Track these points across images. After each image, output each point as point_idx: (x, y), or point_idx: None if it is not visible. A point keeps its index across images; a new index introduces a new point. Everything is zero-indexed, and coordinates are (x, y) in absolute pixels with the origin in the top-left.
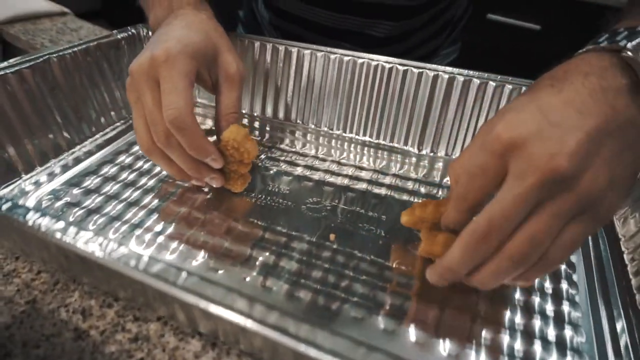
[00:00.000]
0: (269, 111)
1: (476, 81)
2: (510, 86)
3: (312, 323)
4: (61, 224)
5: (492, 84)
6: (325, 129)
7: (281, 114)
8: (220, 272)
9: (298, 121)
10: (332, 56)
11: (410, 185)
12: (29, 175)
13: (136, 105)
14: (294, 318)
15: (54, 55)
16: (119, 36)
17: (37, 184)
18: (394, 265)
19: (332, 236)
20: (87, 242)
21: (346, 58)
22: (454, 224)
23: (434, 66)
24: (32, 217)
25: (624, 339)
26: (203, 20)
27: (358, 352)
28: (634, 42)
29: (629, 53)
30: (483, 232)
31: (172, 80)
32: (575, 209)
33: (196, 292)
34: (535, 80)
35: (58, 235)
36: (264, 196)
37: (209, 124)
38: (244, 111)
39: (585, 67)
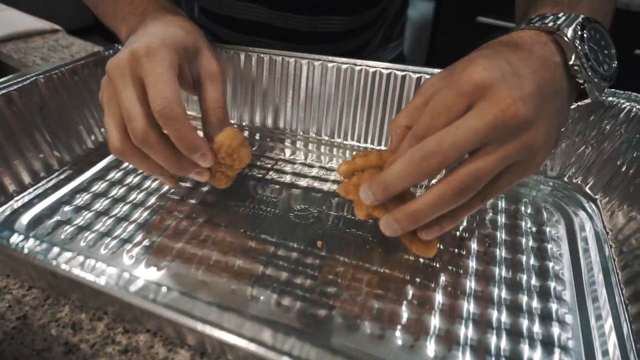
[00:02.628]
0: (258, 120)
1: None
2: None
3: (299, 334)
4: (49, 244)
5: None
6: (314, 135)
7: (270, 122)
8: (209, 284)
9: (287, 129)
10: (330, 65)
11: None
12: (20, 196)
13: (109, 104)
14: (280, 330)
15: (41, 76)
16: (106, 53)
17: (29, 204)
18: (381, 270)
19: (319, 243)
20: (73, 262)
21: (344, 66)
22: None
23: (430, 70)
24: (16, 240)
25: (612, 336)
26: (180, 20)
27: None
28: (562, 25)
29: (559, 34)
30: (431, 150)
31: (156, 72)
32: (517, 156)
33: (182, 308)
34: (485, 45)
35: (41, 257)
36: (251, 205)
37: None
38: (232, 121)
39: (529, 39)
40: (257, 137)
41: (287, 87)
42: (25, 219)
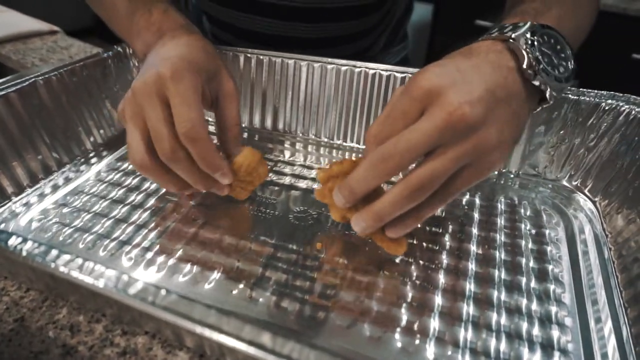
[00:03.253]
0: (257, 121)
1: None
2: None
3: (298, 336)
4: (46, 246)
5: None
6: (313, 136)
7: (269, 124)
8: (208, 286)
9: (286, 130)
10: (329, 66)
11: None
12: (19, 197)
13: (133, 120)
14: (279, 333)
15: (40, 77)
16: (104, 55)
17: (28, 205)
18: (380, 272)
19: (318, 245)
20: (69, 263)
21: (343, 68)
22: None
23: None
24: (14, 242)
25: (611, 338)
26: (198, 40)
27: None
28: (517, 33)
29: (513, 41)
30: (388, 153)
31: (182, 95)
32: (469, 156)
33: (181, 311)
34: (445, 56)
35: (39, 259)
36: (251, 207)
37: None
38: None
39: (485, 48)
40: (256, 138)
41: (287, 88)
42: (23, 220)
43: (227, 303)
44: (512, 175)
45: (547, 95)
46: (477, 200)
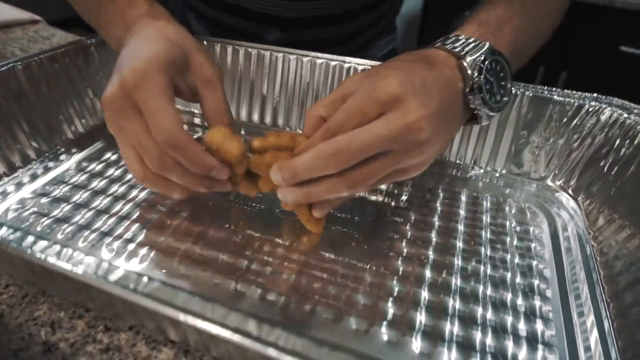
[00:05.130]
0: (244, 115)
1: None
2: None
3: (284, 327)
4: (27, 235)
5: None
6: (300, 131)
7: (256, 118)
8: (192, 278)
9: (273, 124)
10: (319, 61)
11: (384, 186)
12: None
13: (120, 135)
14: (263, 322)
15: (19, 63)
16: (87, 42)
17: (4, 194)
18: (367, 266)
19: (305, 239)
20: (48, 252)
21: (332, 63)
22: None
23: None
24: None
25: (594, 333)
26: (162, 27)
27: (328, 354)
28: (471, 58)
29: (463, 62)
30: (341, 148)
31: (150, 102)
32: (407, 164)
33: (164, 300)
34: (398, 57)
35: (14, 245)
36: (236, 200)
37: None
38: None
39: (442, 60)
40: (243, 132)
41: (275, 82)
42: (0, 210)
43: (211, 295)
44: (497, 174)
45: (479, 120)
46: (463, 198)
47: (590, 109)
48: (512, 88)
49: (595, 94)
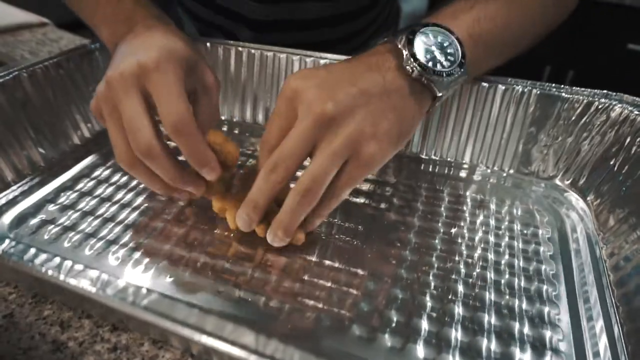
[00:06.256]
0: (248, 116)
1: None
2: (485, 84)
3: (285, 337)
4: (29, 245)
5: (484, 84)
6: None
7: (261, 119)
8: (195, 286)
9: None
10: (322, 61)
11: (387, 188)
12: (3, 194)
13: (112, 116)
14: (263, 332)
15: (24, 70)
16: (91, 47)
17: (12, 202)
18: (371, 275)
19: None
20: (49, 264)
21: (322, 62)
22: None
23: None
24: None
25: (603, 338)
26: (175, 30)
27: None
28: (400, 35)
29: (395, 42)
30: (274, 163)
31: (168, 86)
32: (345, 150)
33: (162, 311)
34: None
35: (16, 259)
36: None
37: None
38: (222, 117)
39: (372, 51)
40: (237, 131)
41: (280, 83)
42: (7, 218)
43: (214, 303)
44: (504, 174)
45: (434, 89)
46: (469, 200)
47: (600, 106)
48: (462, 58)
49: (605, 91)
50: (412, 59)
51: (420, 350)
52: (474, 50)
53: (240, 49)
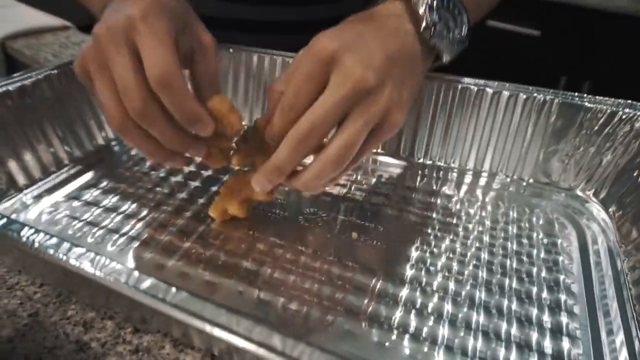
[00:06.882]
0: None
1: (473, 88)
2: (507, 92)
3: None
4: (58, 239)
5: (505, 93)
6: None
7: None
8: (216, 285)
9: None
10: None
11: (408, 194)
12: (30, 189)
13: (100, 75)
14: (287, 333)
15: (55, 70)
16: None
17: (38, 198)
18: (388, 277)
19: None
20: (81, 257)
21: None
22: (280, 133)
23: (431, 74)
24: (26, 233)
25: (623, 351)
26: None
27: None
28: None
29: (412, 5)
30: (306, 131)
31: (155, 36)
32: (376, 119)
33: (189, 309)
34: (344, 20)
35: (51, 251)
36: (260, 207)
37: None
38: (244, 122)
39: (384, 11)
40: None
41: None
42: (33, 212)
43: (235, 303)
44: (524, 183)
45: (442, 56)
46: (489, 207)
47: (624, 117)
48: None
49: (629, 101)
50: (432, 26)
51: (438, 358)
52: (471, 13)
53: (275, 57)
